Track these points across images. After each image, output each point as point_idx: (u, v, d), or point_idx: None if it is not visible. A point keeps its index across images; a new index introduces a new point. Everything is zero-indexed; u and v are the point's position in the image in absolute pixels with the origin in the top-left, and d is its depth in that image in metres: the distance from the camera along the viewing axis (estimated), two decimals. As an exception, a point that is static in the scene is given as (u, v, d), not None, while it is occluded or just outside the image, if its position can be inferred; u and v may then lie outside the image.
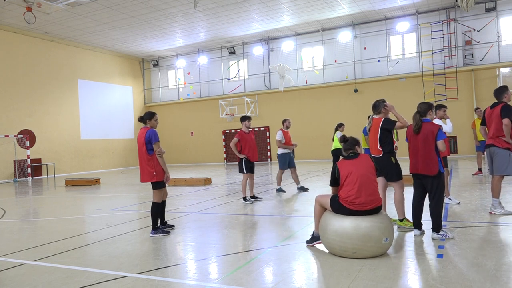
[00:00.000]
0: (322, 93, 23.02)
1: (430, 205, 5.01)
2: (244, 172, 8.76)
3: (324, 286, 3.70)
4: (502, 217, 6.05)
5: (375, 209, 4.48)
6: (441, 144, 4.94)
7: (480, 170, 11.96)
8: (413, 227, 5.38)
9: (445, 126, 7.29)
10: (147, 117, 5.96)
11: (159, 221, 6.17)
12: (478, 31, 19.68)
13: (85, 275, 4.22)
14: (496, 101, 6.39)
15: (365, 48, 21.98)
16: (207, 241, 5.59)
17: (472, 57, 19.84)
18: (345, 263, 4.21)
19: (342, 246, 4.34)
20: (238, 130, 9.14)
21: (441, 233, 4.89)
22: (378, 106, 5.63)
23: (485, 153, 6.63)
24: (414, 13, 20.69)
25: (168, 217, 6.95)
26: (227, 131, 25.73)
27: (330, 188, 4.84)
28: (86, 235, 6.36)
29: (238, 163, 8.94)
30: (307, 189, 10.33)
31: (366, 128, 11.80)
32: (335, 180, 4.68)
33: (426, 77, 20.62)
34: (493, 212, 6.25)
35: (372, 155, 5.58)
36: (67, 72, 22.59)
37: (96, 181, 15.32)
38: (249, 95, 24.78)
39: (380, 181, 5.63)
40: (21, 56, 20.22)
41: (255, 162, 9.09)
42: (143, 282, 3.96)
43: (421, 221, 5.19)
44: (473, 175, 11.89)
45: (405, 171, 5.55)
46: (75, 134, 22.89)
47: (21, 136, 19.27)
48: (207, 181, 13.16)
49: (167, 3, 17.45)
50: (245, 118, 8.94)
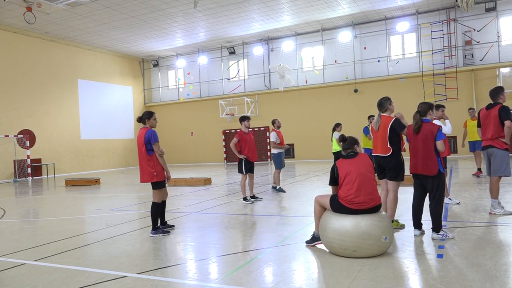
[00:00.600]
0: (322, 93, 23.02)
1: (430, 205, 5.01)
2: (243, 172, 8.76)
3: (324, 286, 3.70)
4: (502, 217, 6.05)
5: (375, 208, 4.51)
6: (440, 145, 4.94)
7: (480, 170, 11.90)
8: (400, 228, 5.49)
9: (444, 127, 7.29)
10: (146, 117, 5.97)
11: (159, 221, 6.18)
12: (478, 31, 19.67)
13: (85, 275, 4.23)
14: (492, 101, 6.39)
15: (365, 48, 21.98)
16: (207, 241, 5.59)
17: (472, 57, 19.83)
18: (345, 263, 4.22)
19: (342, 245, 4.36)
20: (238, 130, 9.15)
21: (441, 233, 4.90)
22: (384, 104, 5.55)
23: (482, 154, 6.63)
24: (414, 13, 20.69)
25: (168, 217, 6.94)
26: (227, 131, 25.73)
27: (330, 187, 4.88)
28: (86, 235, 6.36)
29: (237, 163, 8.95)
30: (284, 191, 10.25)
31: (367, 127, 11.85)
32: (334, 179, 4.72)
33: (426, 77, 20.62)
34: (493, 212, 6.25)
35: (376, 154, 5.54)
36: (67, 72, 22.59)
37: (96, 181, 15.32)
38: (249, 95, 24.78)
39: (384, 183, 5.63)
40: (21, 56, 20.21)
41: (255, 162, 9.10)
42: (143, 282, 3.97)
43: (421, 221, 5.20)
44: (473, 175, 11.88)
45: (405, 171, 5.56)
46: (75, 134, 22.89)
47: (21, 136, 19.27)
48: (207, 181, 13.16)
49: (167, 3, 17.46)
50: (244, 118, 8.93)
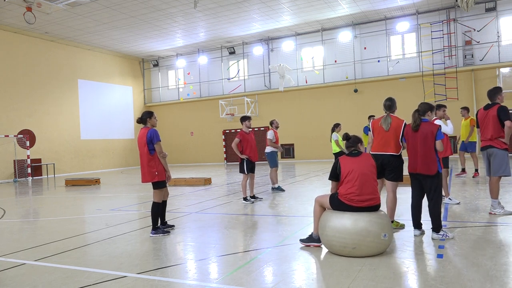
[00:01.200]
0: (322, 93, 23.02)
1: (429, 206, 5.01)
2: (245, 172, 8.75)
3: (324, 286, 3.70)
4: (502, 217, 6.05)
5: (374, 207, 4.55)
6: (439, 144, 4.95)
7: (464, 170, 11.71)
8: (400, 228, 5.50)
9: (445, 127, 7.29)
10: (146, 116, 5.98)
11: (159, 221, 6.17)
12: (478, 31, 19.67)
13: (85, 275, 4.23)
14: (490, 102, 6.40)
15: (365, 48, 21.97)
16: (207, 241, 5.59)
17: (472, 57, 19.83)
18: (345, 263, 4.22)
19: (342, 242, 4.38)
20: (238, 130, 9.15)
21: (441, 233, 4.90)
22: (394, 105, 5.54)
23: (481, 154, 6.62)
24: (414, 13, 20.68)
25: (168, 217, 6.94)
26: (227, 131, 25.72)
27: (330, 188, 4.88)
28: (86, 235, 6.36)
29: (239, 163, 8.94)
30: (283, 190, 10.37)
31: (368, 127, 11.84)
32: (335, 175, 4.73)
33: (426, 77, 20.62)
34: (493, 212, 6.25)
35: (382, 153, 5.43)
36: (67, 72, 22.59)
37: (96, 181, 15.32)
38: (249, 95, 24.78)
39: (380, 183, 5.65)
40: (21, 56, 20.21)
41: (256, 162, 9.10)
42: (143, 282, 3.97)
43: (421, 221, 5.19)
44: (456, 175, 11.70)
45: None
46: (75, 134, 22.89)
47: (21, 136, 19.27)
48: (207, 181, 13.16)
49: (167, 3, 17.46)
50: (245, 118, 8.93)
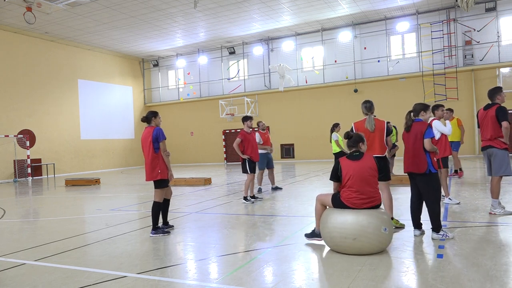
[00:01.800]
0: (322, 93, 23.02)
1: (427, 206, 5.01)
2: (248, 172, 8.74)
3: (324, 286, 3.70)
4: (502, 217, 6.05)
5: (375, 207, 4.64)
6: (427, 143, 4.92)
7: (457, 171, 11.22)
8: (400, 228, 5.54)
9: (444, 128, 7.29)
10: (151, 116, 6.07)
11: (160, 221, 6.17)
12: (478, 31, 19.67)
13: (85, 275, 4.23)
14: (490, 102, 6.40)
15: (365, 48, 21.97)
16: (207, 241, 5.59)
17: (472, 57, 19.83)
18: (345, 263, 4.22)
19: (343, 233, 4.44)
20: (238, 130, 9.15)
21: (441, 233, 4.90)
22: (373, 107, 5.74)
23: (482, 154, 6.61)
24: (414, 13, 20.68)
25: (168, 217, 6.93)
26: (227, 131, 25.71)
27: (331, 188, 4.90)
28: (86, 235, 6.36)
29: (241, 163, 8.93)
30: (281, 188, 10.77)
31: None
32: (337, 176, 4.77)
33: (426, 77, 20.61)
34: (493, 212, 6.25)
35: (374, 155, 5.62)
36: (67, 72, 22.59)
37: (96, 181, 15.32)
38: (249, 95, 24.77)
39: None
40: (21, 56, 20.21)
41: (257, 162, 9.10)
42: (143, 282, 3.97)
43: (421, 221, 5.19)
44: (449, 175, 11.34)
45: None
46: (75, 134, 22.88)
47: (21, 136, 19.26)
48: (207, 181, 13.16)
49: (167, 3, 17.45)
50: (247, 118, 8.93)
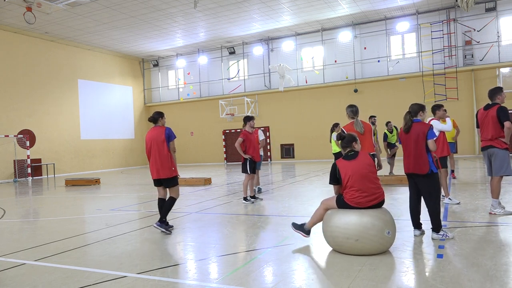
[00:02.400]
0: (322, 93, 23.01)
1: (427, 206, 5.02)
2: (248, 172, 8.74)
3: (324, 286, 3.70)
4: (502, 217, 6.05)
5: (379, 204, 4.66)
6: (431, 144, 4.96)
7: (453, 171, 11.03)
8: None
9: (444, 126, 7.29)
10: (158, 116, 6.31)
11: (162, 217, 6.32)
12: (478, 31, 19.67)
13: (85, 275, 4.22)
14: (490, 102, 6.40)
15: (365, 48, 21.97)
16: (207, 241, 5.59)
17: (472, 57, 19.83)
18: (345, 263, 4.22)
19: (345, 233, 4.42)
20: (238, 130, 9.15)
21: (441, 233, 4.90)
22: (358, 110, 6.49)
23: (482, 154, 6.61)
24: (414, 13, 20.68)
25: (168, 217, 6.92)
26: (227, 131, 25.71)
27: (331, 188, 4.90)
28: (86, 235, 6.36)
29: (242, 163, 8.93)
30: (260, 190, 10.38)
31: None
32: (336, 180, 4.77)
33: (426, 77, 20.61)
34: (493, 212, 6.25)
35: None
36: (67, 72, 22.58)
37: (96, 181, 15.32)
38: (249, 95, 24.77)
39: None
40: (21, 56, 20.21)
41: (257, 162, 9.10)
42: (143, 282, 3.96)
43: (420, 221, 5.19)
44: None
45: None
46: (75, 134, 22.88)
47: (21, 136, 19.26)
48: (207, 181, 13.15)
49: (167, 3, 17.45)
50: (249, 118, 8.93)
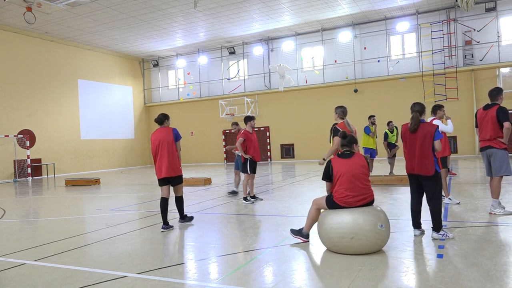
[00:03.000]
0: (322, 93, 23.01)
1: (429, 205, 5.02)
2: (248, 172, 8.75)
3: (324, 286, 3.70)
4: (502, 217, 6.05)
5: (368, 204, 4.71)
6: (438, 144, 4.98)
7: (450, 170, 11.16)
8: None
9: (445, 127, 7.29)
10: (165, 118, 6.69)
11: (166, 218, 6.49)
12: (478, 31, 19.67)
13: (85, 275, 4.22)
14: (490, 102, 6.40)
15: (365, 48, 21.97)
16: (207, 241, 5.59)
17: (472, 57, 19.83)
18: (345, 263, 4.22)
19: (340, 233, 4.46)
20: (241, 130, 9.15)
21: (441, 232, 4.90)
22: (347, 111, 6.64)
23: (480, 154, 6.62)
24: (414, 13, 20.68)
25: (168, 217, 6.94)
26: (227, 131, 25.71)
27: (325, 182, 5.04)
28: (86, 235, 6.36)
29: (242, 163, 8.92)
30: (237, 193, 10.15)
31: (369, 127, 11.85)
32: (328, 176, 4.86)
33: (426, 77, 20.61)
34: (493, 212, 6.25)
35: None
36: (67, 72, 22.58)
37: (96, 181, 15.31)
38: (249, 95, 24.77)
39: None
40: (21, 56, 20.21)
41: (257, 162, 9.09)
42: (143, 282, 3.96)
43: (421, 221, 5.20)
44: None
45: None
46: (75, 134, 22.88)
47: (21, 136, 19.26)
48: (207, 181, 13.15)
49: (167, 3, 17.45)
50: (250, 118, 8.94)
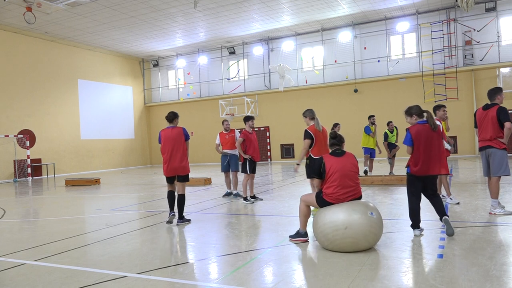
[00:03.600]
0: (322, 93, 23.01)
1: (434, 199, 5.12)
2: (248, 172, 8.75)
3: (324, 286, 3.70)
4: (502, 217, 6.05)
5: (356, 199, 4.84)
6: (446, 144, 5.02)
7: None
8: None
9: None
10: (175, 116, 6.82)
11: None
12: (478, 31, 19.67)
13: (85, 275, 4.22)
14: (489, 102, 6.41)
15: (365, 48, 21.97)
16: (207, 241, 5.59)
17: (472, 57, 19.83)
18: (344, 263, 4.22)
19: (334, 226, 4.53)
20: (240, 130, 9.16)
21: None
22: (314, 112, 7.05)
23: (479, 154, 6.62)
24: (414, 13, 20.68)
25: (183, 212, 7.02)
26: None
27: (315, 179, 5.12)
28: (86, 235, 6.36)
29: (241, 163, 8.92)
30: (235, 195, 9.70)
31: (369, 127, 11.84)
32: (319, 173, 4.91)
33: (426, 77, 20.61)
34: (493, 213, 6.25)
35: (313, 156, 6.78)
36: (67, 72, 22.58)
37: (96, 181, 15.32)
38: (249, 95, 24.78)
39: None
40: (21, 56, 20.20)
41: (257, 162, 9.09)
42: (143, 282, 3.96)
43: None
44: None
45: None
46: (75, 134, 22.88)
47: (21, 136, 19.26)
48: (207, 181, 13.15)
49: (167, 3, 17.45)
50: (249, 118, 8.93)
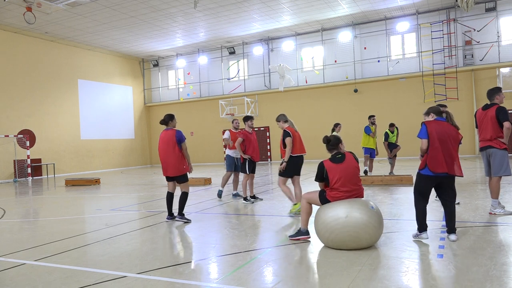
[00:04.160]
0: (322, 93, 23.02)
1: (451, 208, 4.92)
2: (247, 172, 8.76)
3: (324, 286, 3.70)
4: (502, 217, 6.05)
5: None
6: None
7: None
8: (298, 213, 6.15)
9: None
10: (169, 119, 6.72)
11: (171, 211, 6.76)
12: (478, 31, 19.67)
13: (85, 275, 4.23)
14: (488, 102, 6.41)
15: (365, 48, 21.97)
16: (207, 241, 5.59)
17: (472, 57, 19.83)
18: (345, 263, 4.22)
19: (335, 215, 4.64)
20: (240, 130, 9.17)
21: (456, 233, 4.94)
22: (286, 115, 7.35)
23: (480, 154, 6.62)
24: (414, 13, 20.68)
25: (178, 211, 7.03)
26: (227, 131, 25.67)
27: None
28: (86, 235, 6.36)
29: (240, 163, 8.93)
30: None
31: (369, 127, 11.86)
32: (322, 179, 4.96)
33: (426, 77, 20.61)
34: (493, 213, 6.26)
35: (300, 154, 7.03)
36: (67, 72, 22.58)
37: (96, 181, 15.32)
38: (249, 95, 24.78)
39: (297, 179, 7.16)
40: (21, 56, 20.21)
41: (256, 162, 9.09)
42: (143, 282, 3.97)
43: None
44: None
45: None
46: (75, 134, 22.88)
47: (21, 136, 19.26)
48: (207, 181, 13.15)
49: (167, 3, 17.45)
50: (248, 118, 8.95)
